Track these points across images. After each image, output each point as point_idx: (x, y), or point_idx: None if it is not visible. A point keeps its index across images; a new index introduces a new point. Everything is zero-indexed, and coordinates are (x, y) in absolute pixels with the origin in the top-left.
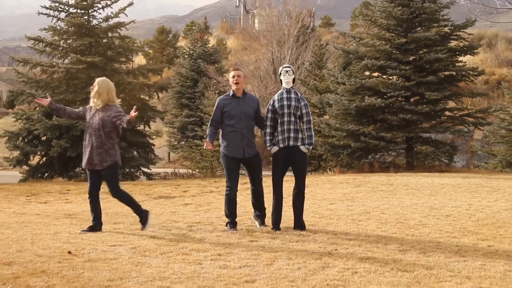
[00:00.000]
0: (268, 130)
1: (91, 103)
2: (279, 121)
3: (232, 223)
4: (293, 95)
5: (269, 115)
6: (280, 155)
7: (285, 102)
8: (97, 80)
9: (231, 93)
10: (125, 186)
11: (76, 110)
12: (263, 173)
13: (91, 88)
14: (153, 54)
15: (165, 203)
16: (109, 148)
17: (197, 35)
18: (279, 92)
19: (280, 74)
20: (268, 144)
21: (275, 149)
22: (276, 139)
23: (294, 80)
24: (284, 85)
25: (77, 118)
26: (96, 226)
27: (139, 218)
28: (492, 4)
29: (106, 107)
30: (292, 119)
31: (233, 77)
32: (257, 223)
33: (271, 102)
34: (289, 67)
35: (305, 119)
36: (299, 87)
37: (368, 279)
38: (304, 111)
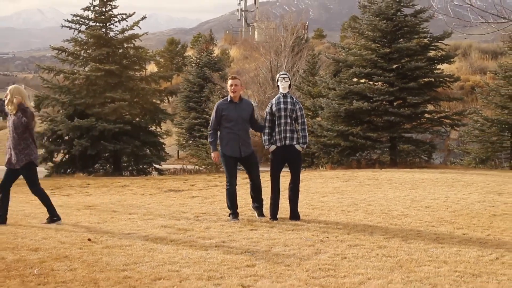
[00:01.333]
0: (266, 131)
1: (7, 110)
2: (276, 123)
3: (234, 214)
4: (289, 99)
5: (268, 117)
6: (277, 153)
7: (282, 106)
8: (9, 88)
9: (228, 99)
10: (139, 181)
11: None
12: (263, 169)
13: (4, 97)
14: (164, 62)
15: (174, 196)
16: (24, 149)
17: (203, 46)
18: (276, 96)
19: (278, 80)
20: (266, 143)
21: (273, 147)
22: (274, 138)
23: (290, 85)
24: (281, 90)
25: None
26: (1, 219)
27: (49, 217)
28: (466, 18)
29: (18, 111)
30: (288, 120)
31: (231, 85)
32: (256, 213)
33: (270, 106)
34: (286, 74)
35: (299, 120)
36: (294, 92)
37: (356, 264)
38: (299, 113)
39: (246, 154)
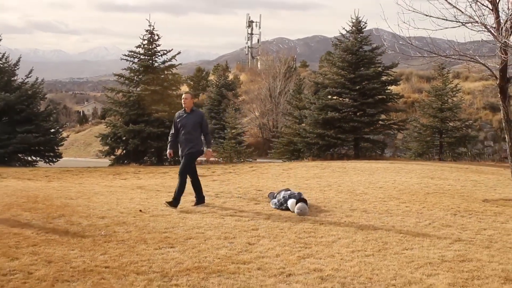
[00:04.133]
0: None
1: None
2: None
3: (174, 201)
4: None
5: None
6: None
7: None
8: None
9: (184, 109)
10: (175, 169)
11: None
12: (264, 160)
13: None
14: (193, 84)
15: (200, 180)
16: None
17: (221, 72)
18: None
19: None
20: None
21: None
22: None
23: None
24: None
25: None
26: None
27: None
28: (408, 53)
29: None
30: None
31: (183, 99)
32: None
33: None
34: None
35: None
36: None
37: (330, 228)
38: None
39: (183, 154)
